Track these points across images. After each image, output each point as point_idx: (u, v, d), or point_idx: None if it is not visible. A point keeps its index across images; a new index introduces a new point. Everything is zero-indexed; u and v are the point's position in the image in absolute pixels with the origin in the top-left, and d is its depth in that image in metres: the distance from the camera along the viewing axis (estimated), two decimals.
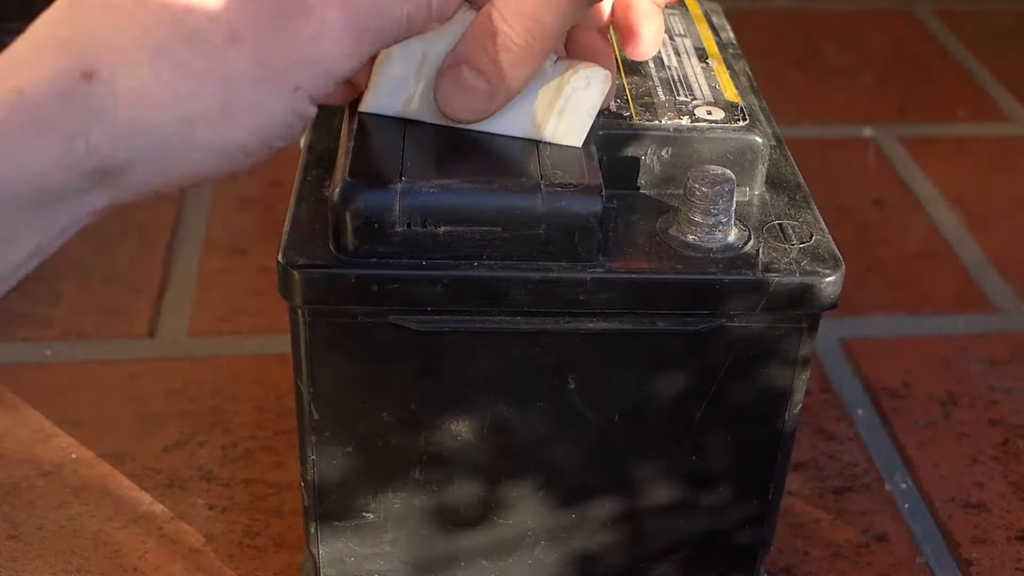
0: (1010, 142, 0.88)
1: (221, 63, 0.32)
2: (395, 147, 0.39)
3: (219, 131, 0.33)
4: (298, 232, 0.39)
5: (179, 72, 0.32)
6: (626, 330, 0.40)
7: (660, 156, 0.42)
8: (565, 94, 0.40)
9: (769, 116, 0.45)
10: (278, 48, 0.33)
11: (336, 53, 0.35)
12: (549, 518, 0.44)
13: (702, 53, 0.48)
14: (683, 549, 0.46)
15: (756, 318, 0.40)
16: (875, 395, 0.63)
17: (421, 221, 0.38)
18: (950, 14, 1.07)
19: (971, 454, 0.60)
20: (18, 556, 0.52)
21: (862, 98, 0.93)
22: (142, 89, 0.31)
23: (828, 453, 0.59)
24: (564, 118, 0.40)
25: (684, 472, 0.44)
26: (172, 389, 0.61)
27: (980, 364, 0.66)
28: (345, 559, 0.45)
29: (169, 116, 0.31)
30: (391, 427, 0.42)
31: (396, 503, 0.44)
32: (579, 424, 0.42)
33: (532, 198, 0.38)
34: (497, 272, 0.38)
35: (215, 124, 0.32)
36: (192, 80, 0.32)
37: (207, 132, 0.32)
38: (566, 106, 0.40)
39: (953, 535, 0.55)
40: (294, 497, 0.55)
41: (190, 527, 0.54)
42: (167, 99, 0.31)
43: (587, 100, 0.40)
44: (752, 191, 0.43)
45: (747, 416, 0.43)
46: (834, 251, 0.40)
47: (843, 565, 0.54)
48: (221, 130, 0.33)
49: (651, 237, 0.40)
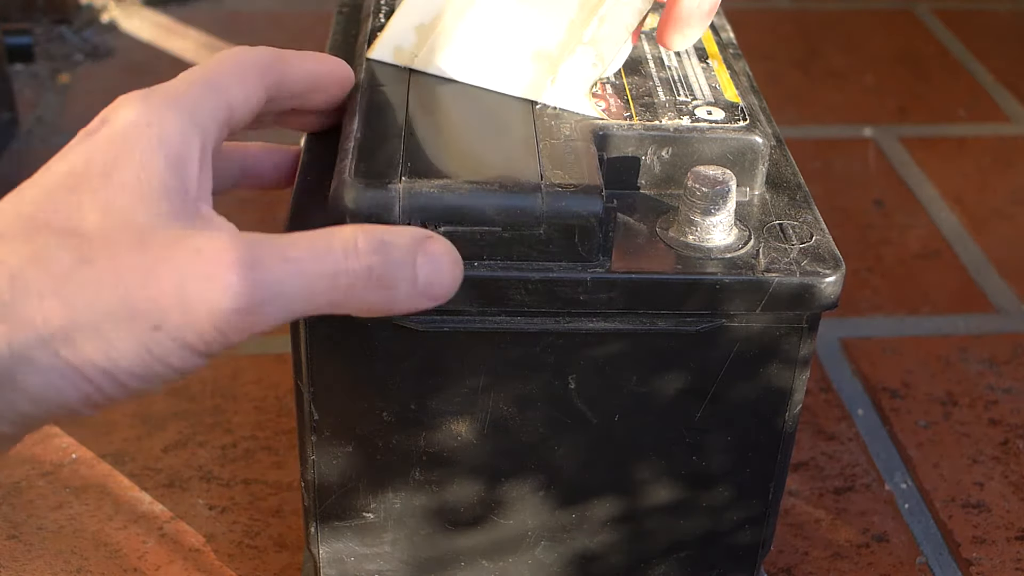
0: (1010, 142, 0.88)
1: (63, 285, 0.30)
2: (395, 146, 0.39)
3: (60, 358, 0.30)
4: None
5: (21, 293, 0.30)
6: (626, 330, 0.40)
7: (660, 156, 0.42)
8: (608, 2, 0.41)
9: (769, 116, 0.45)
10: (132, 276, 0.30)
11: (214, 293, 0.31)
12: (549, 518, 0.44)
13: (702, 53, 0.48)
14: (683, 549, 0.46)
15: (756, 318, 0.40)
16: (875, 395, 0.63)
17: (421, 221, 0.38)
18: (950, 14, 1.07)
19: (971, 454, 0.60)
20: (18, 556, 0.52)
21: (862, 98, 0.93)
22: None
23: (828, 453, 0.59)
24: (605, 24, 0.41)
25: (684, 472, 0.44)
26: (172, 389, 0.61)
27: (980, 364, 0.66)
28: (345, 559, 0.45)
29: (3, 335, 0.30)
30: (391, 427, 0.42)
31: (396, 503, 0.44)
32: (579, 424, 0.42)
33: (532, 198, 0.38)
34: (497, 272, 0.38)
35: (54, 349, 0.30)
36: (30, 301, 0.30)
37: (47, 356, 0.30)
38: (607, 13, 0.41)
39: (953, 535, 0.55)
40: (294, 497, 0.55)
41: (190, 527, 0.54)
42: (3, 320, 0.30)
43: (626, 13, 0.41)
44: (752, 191, 0.43)
45: (747, 416, 0.43)
46: (834, 251, 0.40)
47: (843, 565, 0.54)
48: (62, 357, 0.30)
49: (651, 237, 0.40)
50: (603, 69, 0.42)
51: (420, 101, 0.42)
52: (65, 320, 0.30)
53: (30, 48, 0.91)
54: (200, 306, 0.31)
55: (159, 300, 0.31)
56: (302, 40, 0.97)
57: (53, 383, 0.31)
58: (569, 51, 0.42)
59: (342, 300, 0.33)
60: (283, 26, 1.00)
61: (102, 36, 0.97)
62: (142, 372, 0.31)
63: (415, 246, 0.34)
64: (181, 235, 0.32)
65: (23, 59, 0.91)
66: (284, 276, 0.32)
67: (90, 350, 0.30)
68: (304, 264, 0.32)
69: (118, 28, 0.99)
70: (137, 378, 0.31)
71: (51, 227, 0.31)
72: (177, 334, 0.31)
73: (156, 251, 0.31)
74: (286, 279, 0.32)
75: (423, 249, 0.34)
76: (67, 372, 0.31)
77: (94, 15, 1.00)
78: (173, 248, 0.31)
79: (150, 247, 0.31)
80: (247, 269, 0.31)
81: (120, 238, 0.31)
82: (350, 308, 0.34)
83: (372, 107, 0.42)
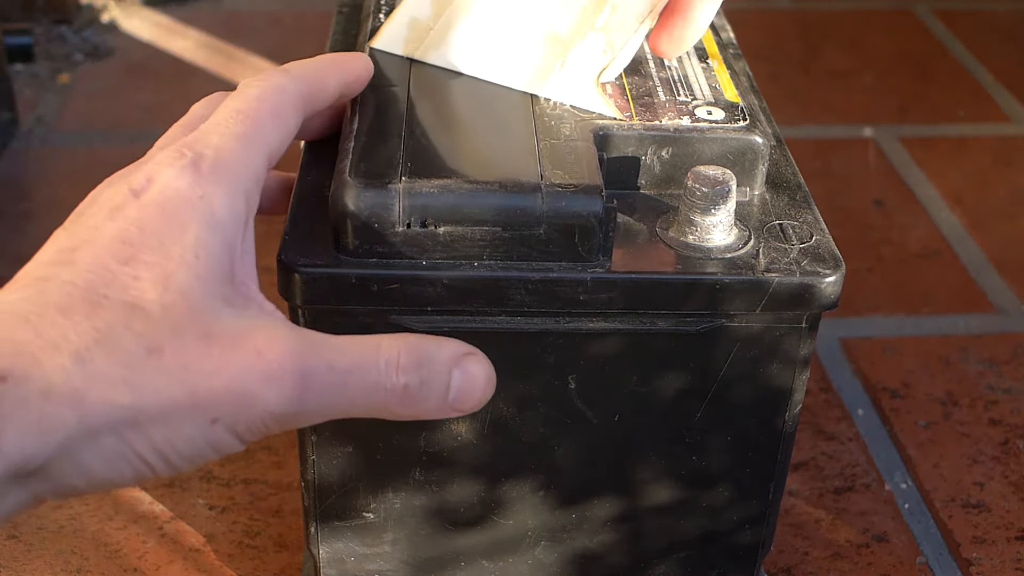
0: (1010, 142, 0.88)
1: (134, 374, 0.31)
2: (395, 146, 0.39)
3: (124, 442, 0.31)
4: (298, 232, 0.39)
5: (90, 379, 0.30)
6: (626, 330, 0.40)
7: (660, 156, 0.42)
8: None
9: (769, 116, 0.45)
10: (198, 372, 0.32)
11: (270, 395, 0.32)
12: (549, 518, 0.44)
13: (702, 53, 0.48)
14: (683, 549, 0.46)
15: (756, 318, 0.40)
16: (875, 395, 0.63)
17: (421, 221, 0.38)
18: (950, 14, 1.07)
19: (971, 454, 0.60)
20: (18, 556, 0.52)
21: (862, 98, 0.93)
22: (50, 392, 0.30)
23: (828, 453, 0.59)
24: (617, 12, 0.41)
25: (684, 472, 0.44)
26: None
27: (980, 364, 0.66)
28: (345, 559, 0.45)
29: (74, 420, 0.30)
30: (391, 427, 0.42)
31: (396, 503, 0.44)
32: (579, 424, 0.42)
33: (532, 198, 0.38)
34: (497, 272, 0.38)
35: (121, 434, 0.31)
36: (101, 388, 0.31)
37: (112, 441, 0.31)
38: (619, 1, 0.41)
39: (953, 535, 0.55)
40: (294, 497, 0.55)
41: (190, 527, 0.54)
42: (73, 404, 0.30)
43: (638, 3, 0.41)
44: (752, 191, 0.43)
45: (747, 416, 0.43)
46: (834, 251, 0.40)
47: (843, 565, 0.54)
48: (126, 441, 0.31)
49: (651, 237, 0.40)
50: (612, 57, 0.42)
51: (420, 101, 0.42)
52: (133, 407, 0.31)
53: (30, 48, 0.92)
54: (256, 405, 0.32)
55: (220, 396, 0.32)
56: (302, 40, 0.97)
57: (114, 464, 0.32)
58: (580, 36, 0.42)
59: (374, 410, 0.35)
60: (283, 26, 1.00)
61: (102, 36, 0.97)
62: (192, 456, 0.33)
63: (453, 363, 0.35)
64: (241, 331, 0.33)
65: (23, 59, 0.91)
66: (329, 388, 0.33)
67: (156, 436, 0.32)
68: (348, 377, 0.34)
69: (118, 28, 0.99)
70: (187, 461, 0.33)
71: (111, 301, 0.32)
72: (232, 426, 0.33)
73: (220, 348, 0.32)
74: (330, 391, 0.34)
75: (460, 366, 0.35)
76: (129, 455, 0.32)
77: (94, 15, 1.00)
78: (235, 346, 0.32)
79: (214, 341, 0.32)
80: (300, 379, 0.33)
81: (185, 325, 0.32)
82: (378, 415, 0.35)
83: (372, 107, 0.42)
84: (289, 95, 0.37)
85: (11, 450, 0.29)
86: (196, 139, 0.35)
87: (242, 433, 0.33)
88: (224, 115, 0.36)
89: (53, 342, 0.30)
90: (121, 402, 0.31)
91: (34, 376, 0.30)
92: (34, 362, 0.30)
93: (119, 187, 0.34)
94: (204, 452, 0.33)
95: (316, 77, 0.39)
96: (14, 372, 0.30)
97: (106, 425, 0.31)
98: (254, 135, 0.36)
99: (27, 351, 0.30)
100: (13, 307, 0.31)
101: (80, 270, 0.32)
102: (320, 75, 0.39)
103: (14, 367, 0.30)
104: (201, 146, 0.35)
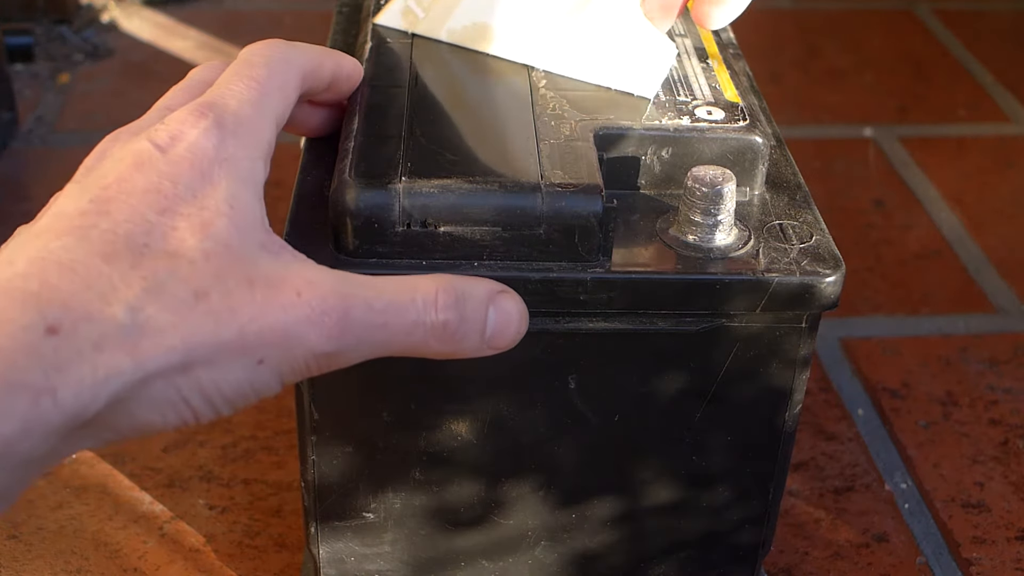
0: (1010, 142, 0.88)
1: (184, 320, 0.31)
2: (395, 146, 0.39)
3: (174, 387, 0.32)
4: (298, 232, 0.39)
5: (142, 327, 0.31)
6: (626, 330, 0.40)
7: (660, 156, 0.42)
8: None
9: (769, 116, 0.45)
10: (245, 314, 0.32)
11: (312, 335, 0.33)
12: (549, 518, 0.44)
13: (702, 53, 0.48)
14: (683, 549, 0.46)
15: (756, 318, 0.40)
16: (875, 395, 0.63)
17: (421, 221, 0.38)
18: (950, 14, 1.07)
19: (971, 454, 0.60)
20: (18, 556, 0.52)
21: (862, 98, 0.93)
22: (103, 343, 0.30)
23: (828, 453, 0.59)
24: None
25: (684, 472, 0.44)
26: None
27: (980, 364, 0.66)
28: (345, 559, 0.45)
29: (129, 368, 0.31)
30: (391, 427, 0.42)
31: (396, 503, 0.44)
32: (579, 424, 0.42)
33: (532, 198, 0.38)
34: (497, 272, 0.38)
35: (171, 379, 0.32)
36: (154, 335, 0.31)
37: (163, 386, 0.32)
38: None
39: (953, 535, 0.55)
40: (294, 497, 0.55)
41: (190, 527, 0.54)
42: (127, 352, 0.31)
43: None
44: (752, 191, 0.43)
45: (747, 416, 0.43)
46: (834, 251, 0.40)
47: (843, 565, 0.54)
48: (176, 386, 0.32)
49: (651, 237, 0.40)
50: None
51: (420, 101, 0.42)
52: (185, 352, 0.31)
53: (30, 48, 0.92)
54: (300, 345, 0.33)
55: (266, 337, 0.33)
56: (302, 40, 0.97)
57: (161, 410, 0.32)
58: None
59: (413, 348, 0.35)
60: (283, 26, 1.00)
61: (102, 36, 0.97)
62: (236, 399, 0.33)
63: (489, 299, 0.36)
64: (279, 275, 0.33)
65: (23, 59, 0.91)
66: (369, 327, 0.34)
67: (204, 380, 0.32)
68: (387, 315, 0.34)
69: (118, 28, 0.99)
70: (229, 404, 0.33)
71: (151, 250, 0.32)
72: (276, 368, 0.33)
73: (262, 291, 0.33)
74: (370, 330, 0.34)
75: (496, 303, 0.36)
76: (178, 402, 0.32)
77: (94, 15, 1.00)
78: (276, 290, 0.33)
79: (256, 285, 0.33)
80: (340, 318, 0.33)
81: (227, 271, 0.33)
82: (417, 354, 0.36)
83: (372, 106, 0.42)
84: (293, 68, 0.38)
85: (67, 402, 0.30)
86: (215, 101, 0.36)
87: (285, 374, 0.33)
88: (235, 81, 0.37)
89: (101, 292, 0.31)
90: (174, 347, 0.31)
91: (86, 327, 0.30)
92: (85, 313, 0.30)
93: (139, 143, 0.34)
94: (247, 395, 0.33)
95: (314, 56, 0.40)
96: (64, 324, 0.30)
97: (158, 372, 0.31)
98: (266, 104, 0.37)
99: (77, 301, 0.30)
100: (56, 255, 0.31)
101: (118, 219, 0.32)
102: (318, 56, 0.40)
103: (64, 318, 0.30)
104: (220, 109, 0.35)
